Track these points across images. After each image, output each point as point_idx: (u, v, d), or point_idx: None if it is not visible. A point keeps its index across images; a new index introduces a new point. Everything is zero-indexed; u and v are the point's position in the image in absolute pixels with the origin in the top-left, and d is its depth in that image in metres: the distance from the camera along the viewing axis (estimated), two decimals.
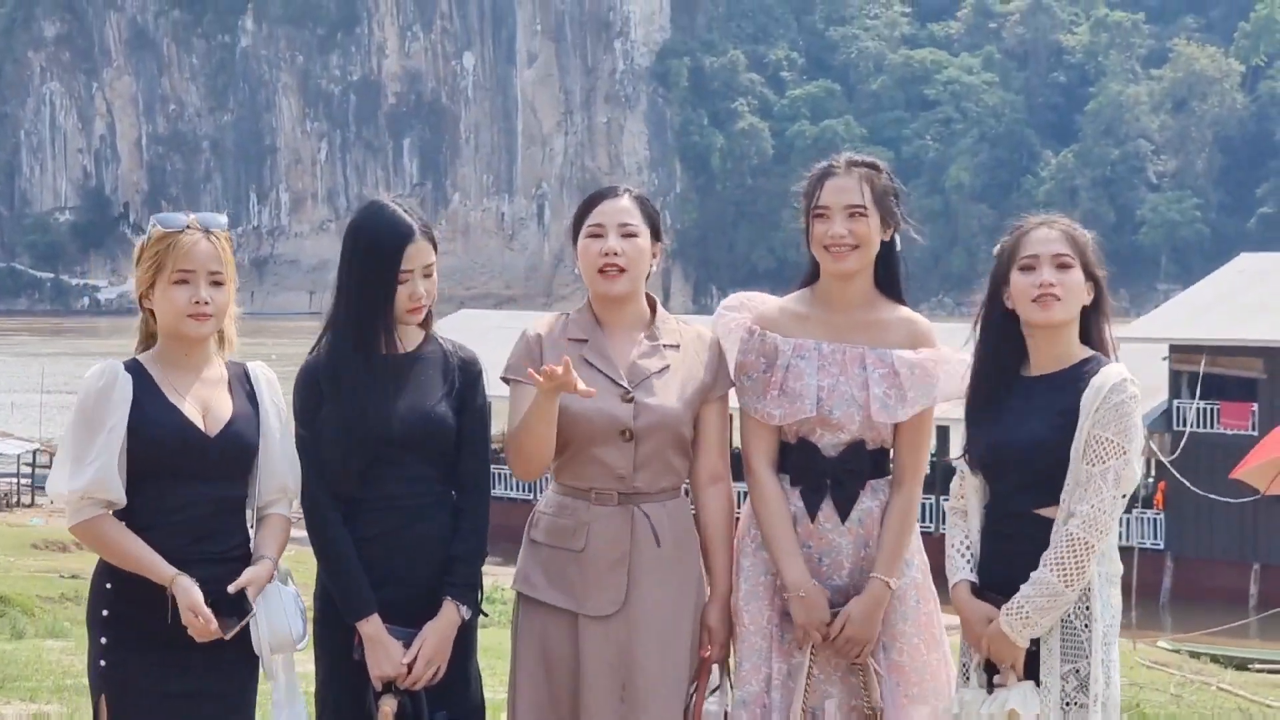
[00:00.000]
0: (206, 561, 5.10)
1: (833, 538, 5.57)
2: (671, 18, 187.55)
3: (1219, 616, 37.85)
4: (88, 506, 5.09)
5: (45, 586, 28.92)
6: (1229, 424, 42.47)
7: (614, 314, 5.60)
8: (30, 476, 58.13)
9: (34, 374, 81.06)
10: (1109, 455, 5.17)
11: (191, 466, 5.11)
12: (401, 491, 5.36)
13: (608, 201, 5.59)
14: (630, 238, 5.54)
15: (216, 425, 5.17)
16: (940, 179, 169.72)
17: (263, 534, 5.27)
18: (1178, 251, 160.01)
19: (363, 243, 5.39)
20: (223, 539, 5.18)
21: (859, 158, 5.65)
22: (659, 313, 5.67)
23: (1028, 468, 5.27)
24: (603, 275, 5.53)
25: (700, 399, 5.59)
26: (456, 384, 5.44)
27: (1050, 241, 5.34)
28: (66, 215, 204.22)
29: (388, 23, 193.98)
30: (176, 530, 5.10)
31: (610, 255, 5.51)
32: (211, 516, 5.16)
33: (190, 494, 5.12)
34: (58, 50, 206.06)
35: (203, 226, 5.17)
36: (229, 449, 5.17)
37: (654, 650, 5.47)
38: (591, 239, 5.55)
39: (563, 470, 5.58)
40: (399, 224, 5.38)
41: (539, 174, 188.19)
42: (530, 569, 5.58)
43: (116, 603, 5.13)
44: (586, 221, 5.58)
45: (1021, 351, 5.40)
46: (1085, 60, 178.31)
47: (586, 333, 5.59)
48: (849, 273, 5.57)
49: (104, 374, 5.14)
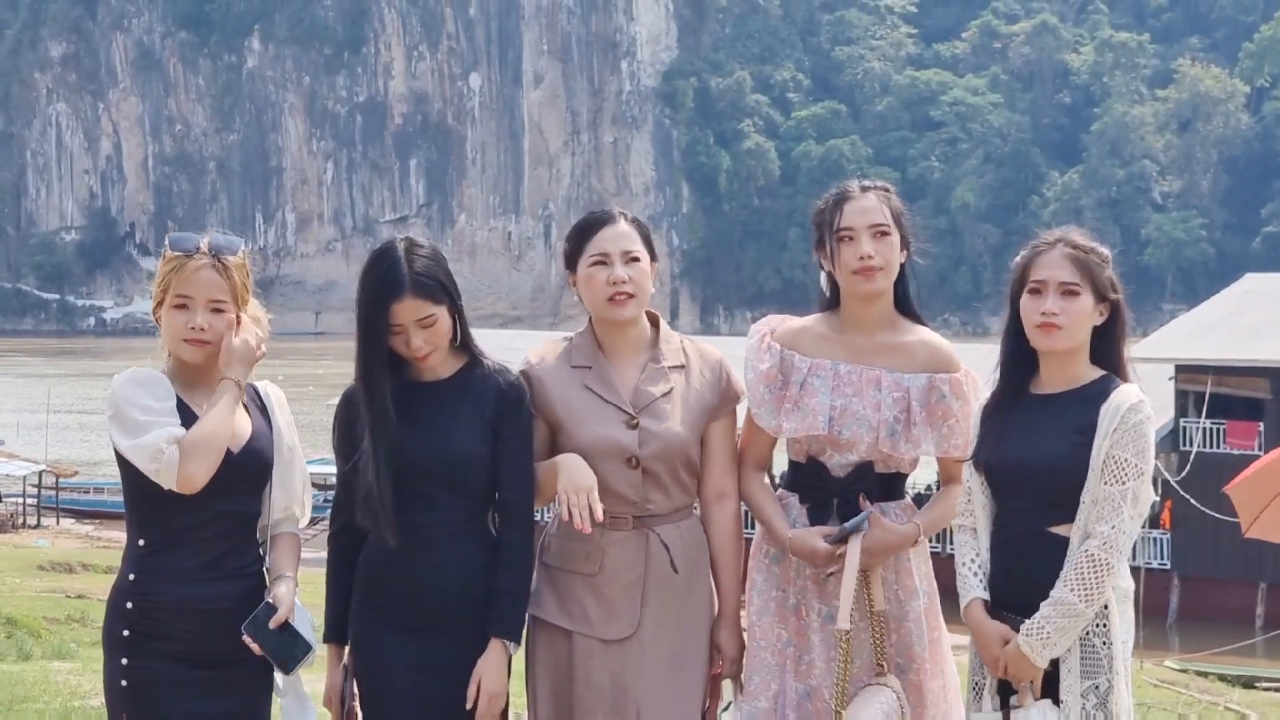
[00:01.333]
0: (223, 578, 5.12)
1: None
2: (678, 38, 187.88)
3: (1226, 636, 37.77)
4: (171, 456, 5.01)
5: (52, 608, 28.88)
6: (1235, 444, 42.41)
7: (617, 338, 5.60)
8: (36, 497, 58.12)
9: (40, 395, 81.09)
10: (1128, 476, 5.17)
11: (216, 483, 5.10)
12: (425, 520, 5.30)
13: (607, 229, 5.56)
14: (634, 263, 5.53)
15: (238, 442, 5.17)
16: (946, 199, 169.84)
17: (278, 553, 5.28)
18: (1183, 272, 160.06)
19: (361, 288, 5.37)
20: (238, 557, 5.19)
21: (869, 182, 5.67)
22: (662, 332, 5.66)
23: (1043, 486, 5.26)
24: (612, 303, 5.52)
25: (706, 419, 5.58)
26: (491, 411, 5.35)
27: (1058, 267, 5.32)
28: (72, 236, 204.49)
29: (394, 43, 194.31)
30: (196, 549, 5.11)
31: (619, 283, 5.50)
32: (230, 534, 5.17)
33: (210, 510, 5.12)
34: (64, 71, 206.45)
35: (213, 252, 5.17)
36: (248, 466, 5.18)
37: (667, 673, 5.46)
38: (597, 267, 5.53)
39: None
40: (391, 280, 5.28)
41: (545, 194, 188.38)
42: (543, 592, 5.56)
43: (139, 622, 5.11)
44: (587, 250, 5.56)
45: (1034, 366, 5.41)
46: (1090, 81, 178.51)
47: (589, 359, 5.58)
48: (878, 293, 5.58)
49: (143, 371, 5.15)
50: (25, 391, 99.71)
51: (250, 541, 5.24)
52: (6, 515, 55.88)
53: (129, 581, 5.14)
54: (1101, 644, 5.22)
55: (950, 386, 5.58)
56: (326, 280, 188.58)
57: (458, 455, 5.30)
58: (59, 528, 55.15)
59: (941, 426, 5.55)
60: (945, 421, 5.55)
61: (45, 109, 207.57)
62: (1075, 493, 5.22)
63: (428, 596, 5.28)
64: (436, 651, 5.28)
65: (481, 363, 5.44)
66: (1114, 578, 5.19)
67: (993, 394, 5.44)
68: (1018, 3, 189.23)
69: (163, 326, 5.21)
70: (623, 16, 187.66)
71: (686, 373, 5.60)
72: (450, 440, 5.30)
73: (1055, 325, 5.28)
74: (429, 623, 5.28)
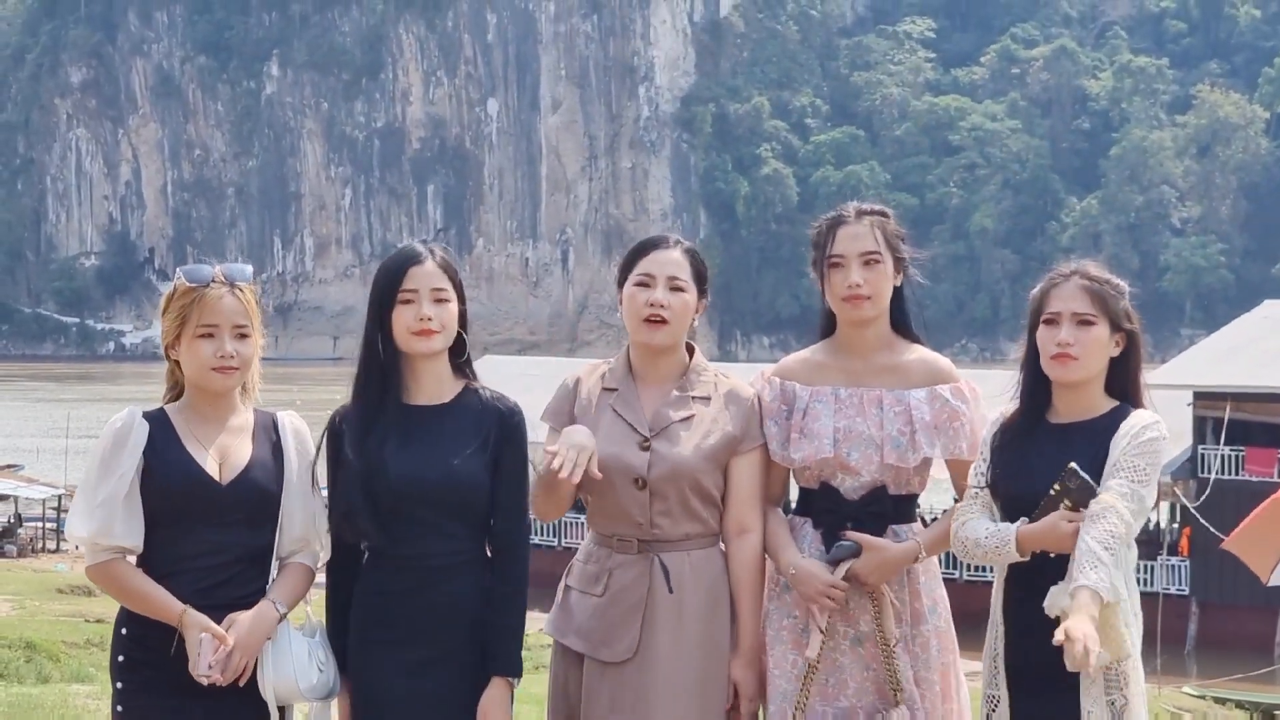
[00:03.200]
0: (223, 608, 5.11)
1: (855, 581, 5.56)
2: (696, 64, 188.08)
3: (1244, 662, 37.66)
4: (100, 550, 5.13)
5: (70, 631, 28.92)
6: (1254, 470, 42.33)
7: (650, 364, 5.62)
8: (55, 521, 58.18)
9: (59, 419, 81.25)
10: (1135, 475, 5.17)
11: (203, 514, 5.13)
12: (421, 550, 5.27)
13: (659, 251, 5.59)
14: (677, 291, 5.55)
15: (232, 473, 5.18)
16: (964, 225, 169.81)
17: (277, 581, 5.25)
18: (1202, 297, 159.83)
19: (378, 274, 5.39)
20: (239, 586, 5.17)
21: (867, 206, 5.69)
22: (695, 362, 5.66)
23: None
24: (646, 324, 5.54)
25: (727, 451, 5.57)
26: (492, 438, 5.32)
27: (1072, 298, 5.34)
28: (92, 261, 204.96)
29: (412, 69, 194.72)
30: (192, 577, 5.12)
31: (656, 306, 5.52)
32: (229, 564, 5.16)
33: (205, 541, 5.14)
34: (84, 97, 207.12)
35: (228, 280, 5.20)
36: (244, 497, 5.17)
37: (668, 699, 5.44)
38: (639, 288, 5.55)
39: (592, 517, 5.63)
40: (410, 250, 5.36)
41: (563, 220, 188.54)
42: (559, 613, 5.62)
43: (132, 649, 5.15)
44: (635, 269, 5.58)
45: (1050, 396, 5.42)
46: (1109, 106, 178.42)
47: (619, 382, 5.61)
48: (867, 320, 5.61)
49: (121, 420, 5.19)
50: (45, 416, 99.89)
51: (255, 572, 5.21)
52: (26, 539, 55.97)
53: (125, 607, 5.18)
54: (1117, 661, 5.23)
55: (952, 393, 5.60)
56: (344, 305, 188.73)
57: (461, 480, 5.27)
58: (78, 552, 55.17)
59: (948, 429, 5.57)
60: (952, 424, 5.57)
61: (65, 134, 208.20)
62: None
63: (428, 628, 5.26)
64: (437, 684, 5.25)
65: (477, 388, 5.41)
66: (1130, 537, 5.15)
67: (1009, 421, 5.45)
68: (1036, 28, 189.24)
69: (185, 359, 5.21)
70: (640, 41, 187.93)
71: (712, 405, 5.60)
72: (452, 464, 5.27)
73: (1070, 356, 5.30)
74: (429, 655, 5.26)
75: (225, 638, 5.03)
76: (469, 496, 5.28)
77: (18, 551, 53.93)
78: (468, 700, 5.25)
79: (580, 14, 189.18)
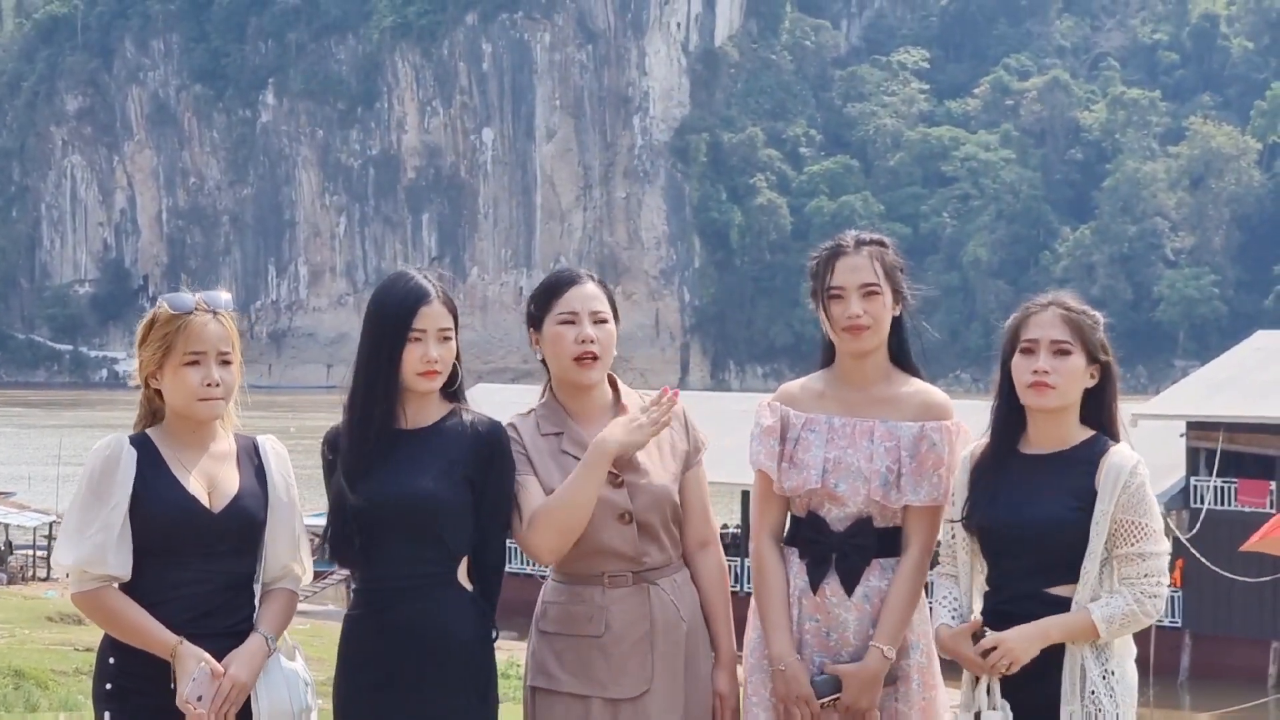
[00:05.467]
0: (211, 637, 5.08)
1: (838, 612, 5.55)
2: (690, 94, 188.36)
3: (1238, 694, 37.61)
4: (88, 579, 5.10)
5: (59, 660, 28.87)
6: (1246, 501, 42.28)
7: (581, 402, 5.58)
8: (46, 549, 58.08)
9: (51, 446, 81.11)
10: (1143, 537, 5.22)
11: (195, 543, 5.11)
12: (384, 572, 5.27)
13: (576, 287, 5.55)
14: (602, 324, 5.53)
15: (222, 501, 5.17)
16: (958, 255, 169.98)
17: (263, 609, 5.24)
18: (1195, 328, 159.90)
19: (378, 304, 5.35)
20: (227, 615, 5.16)
21: (866, 235, 5.67)
22: (621, 390, 5.65)
23: (1043, 548, 5.28)
24: (577, 364, 5.50)
25: (682, 467, 5.59)
26: (466, 457, 5.29)
27: (1050, 326, 5.36)
28: (86, 288, 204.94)
29: (407, 98, 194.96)
30: (181, 606, 5.09)
31: (587, 342, 5.48)
32: (216, 592, 5.15)
33: (194, 570, 5.12)
34: (79, 124, 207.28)
35: (210, 307, 5.18)
36: (234, 525, 5.16)
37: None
38: (565, 326, 5.52)
39: (567, 560, 5.51)
40: (416, 287, 5.32)
41: (558, 248, 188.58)
42: (546, 661, 5.52)
43: (120, 677, 5.12)
44: (555, 309, 5.54)
45: (1023, 425, 5.43)
46: (1102, 137, 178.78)
47: (559, 425, 5.55)
48: (866, 351, 5.60)
49: (109, 447, 5.14)
50: (37, 443, 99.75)
51: (242, 600, 5.21)
52: (16, 567, 55.85)
53: (112, 636, 5.16)
54: (1108, 699, 5.23)
55: (940, 434, 5.57)
56: (338, 333, 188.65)
57: (419, 500, 5.22)
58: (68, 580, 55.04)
59: (931, 475, 5.54)
60: (935, 470, 5.54)
61: (60, 161, 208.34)
62: (1073, 554, 5.25)
63: (402, 654, 5.22)
64: (419, 711, 5.23)
65: (461, 411, 5.38)
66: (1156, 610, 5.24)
67: (983, 453, 5.46)
68: (1029, 60, 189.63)
69: (168, 387, 5.18)
70: (635, 71, 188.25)
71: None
72: (411, 484, 5.23)
73: (1047, 384, 5.32)
74: (408, 682, 5.22)
75: (221, 671, 5.01)
76: (424, 517, 5.23)
77: (8, 579, 53.83)
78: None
79: (575, 44, 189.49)
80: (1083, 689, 5.21)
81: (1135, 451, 5.33)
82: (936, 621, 5.43)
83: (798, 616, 5.57)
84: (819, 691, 5.45)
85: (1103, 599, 5.19)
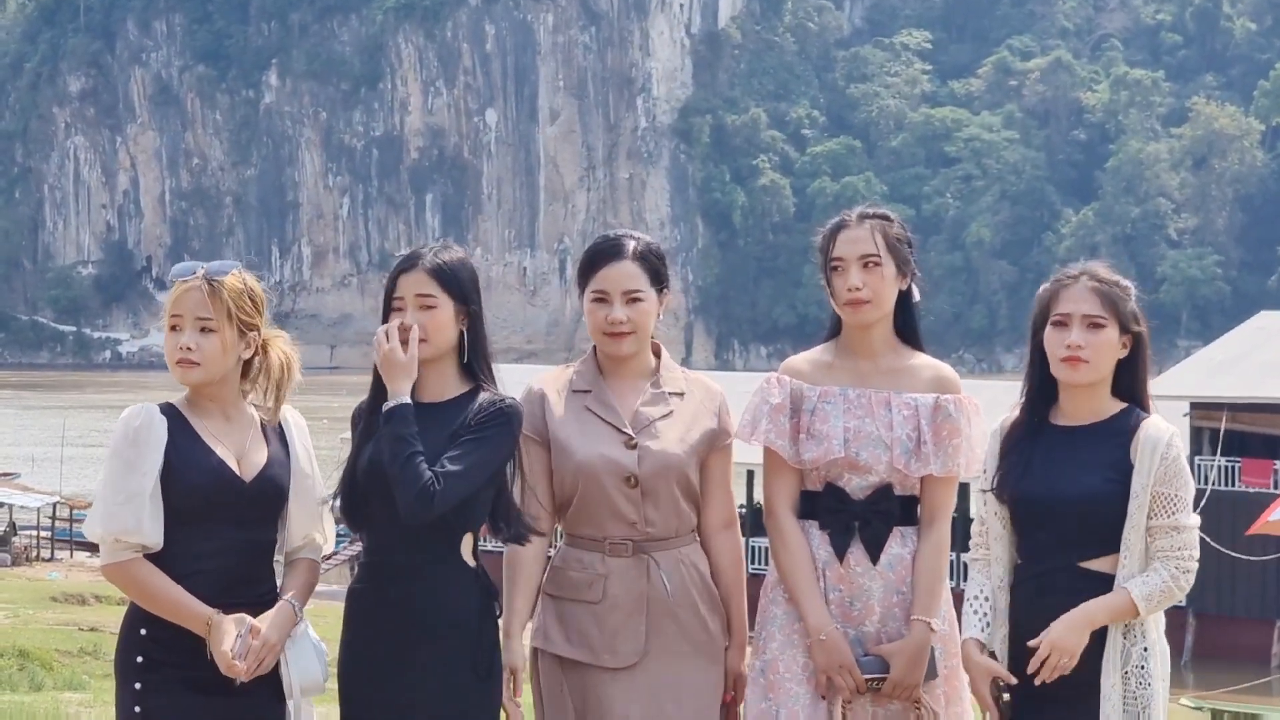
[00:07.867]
0: (237, 606, 5.10)
1: (863, 581, 5.55)
2: (693, 75, 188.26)
3: (1241, 674, 37.65)
4: (121, 549, 5.09)
5: (64, 640, 28.92)
6: (1250, 481, 42.34)
7: (618, 366, 5.62)
8: (50, 530, 58.16)
9: (55, 428, 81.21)
10: (1179, 509, 5.26)
11: (226, 511, 5.12)
12: (389, 546, 5.27)
13: (611, 266, 5.54)
14: (635, 303, 5.54)
15: (252, 470, 5.18)
16: (961, 236, 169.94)
17: (289, 578, 5.28)
18: (1198, 309, 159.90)
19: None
20: (253, 585, 5.19)
21: (870, 209, 5.68)
22: (664, 360, 5.67)
23: (1075, 520, 5.26)
24: (609, 338, 5.56)
25: (707, 446, 5.60)
26: (464, 434, 5.22)
27: (1083, 300, 5.32)
28: (89, 269, 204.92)
29: (411, 79, 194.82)
30: (209, 575, 5.11)
31: (615, 323, 5.52)
32: (242, 563, 5.18)
33: (223, 539, 5.13)
34: (82, 106, 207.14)
35: (208, 275, 5.19)
36: (263, 494, 5.19)
37: (678, 699, 5.48)
38: (596, 304, 5.55)
39: (574, 522, 5.58)
40: (405, 258, 5.35)
41: (561, 229, 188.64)
42: (548, 623, 5.57)
43: (152, 648, 5.12)
44: (590, 284, 5.57)
45: (1055, 397, 5.41)
46: (1105, 118, 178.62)
47: (590, 384, 5.60)
48: (868, 323, 5.60)
49: (138, 416, 5.13)
50: (41, 424, 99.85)
51: (265, 568, 5.25)
52: (20, 548, 55.93)
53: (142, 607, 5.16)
54: (1139, 684, 5.24)
55: (957, 407, 5.58)
56: (341, 314, 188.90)
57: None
58: (72, 561, 55.17)
59: (947, 446, 5.55)
60: (951, 441, 5.55)
61: (63, 143, 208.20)
62: (1109, 528, 5.24)
63: (399, 632, 5.23)
64: (415, 687, 5.23)
65: (483, 388, 5.34)
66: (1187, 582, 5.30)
67: (1014, 425, 5.44)
68: (1033, 40, 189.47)
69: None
70: (639, 53, 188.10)
71: (687, 399, 5.62)
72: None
73: (1081, 359, 5.28)
74: (405, 659, 5.23)
75: (259, 629, 5.04)
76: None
77: (12, 560, 53.90)
78: (448, 704, 5.24)
79: (578, 25, 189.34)
80: (1124, 664, 5.21)
81: (1169, 423, 5.32)
82: (965, 633, 5.42)
83: (822, 589, 5.56)
84: (865, 670, 5.45)
85: (1139, 576, 5.19)
